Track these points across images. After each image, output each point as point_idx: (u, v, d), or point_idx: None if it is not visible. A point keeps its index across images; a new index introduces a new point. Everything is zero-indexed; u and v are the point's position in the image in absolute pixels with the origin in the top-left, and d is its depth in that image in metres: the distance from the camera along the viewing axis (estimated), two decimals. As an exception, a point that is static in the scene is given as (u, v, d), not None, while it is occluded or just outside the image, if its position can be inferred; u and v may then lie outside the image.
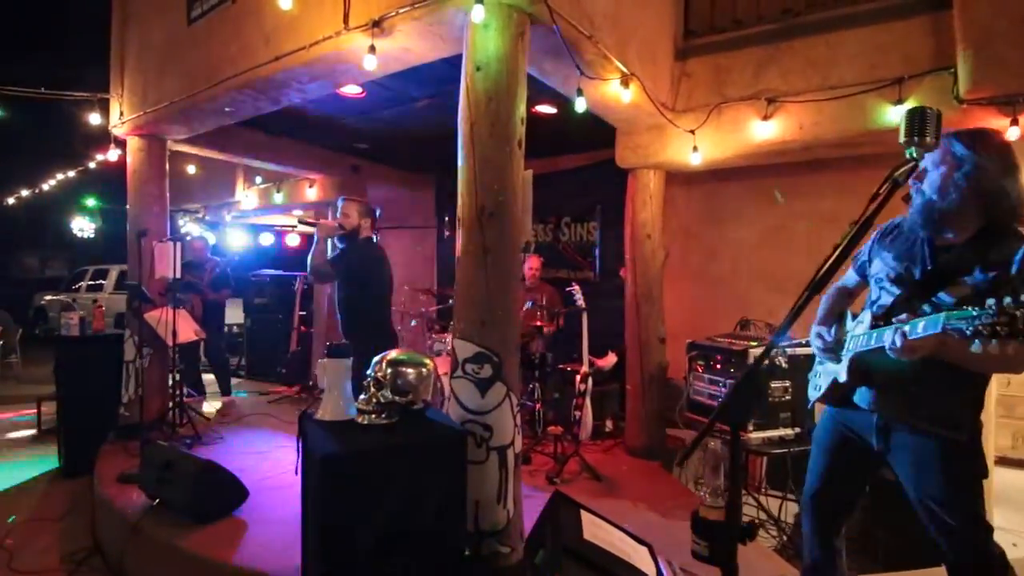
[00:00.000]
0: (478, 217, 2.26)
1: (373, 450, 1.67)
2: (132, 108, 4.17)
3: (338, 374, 1.88)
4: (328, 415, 1.86)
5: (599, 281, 5.48)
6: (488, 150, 2.26)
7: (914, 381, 1.58)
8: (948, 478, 1.56)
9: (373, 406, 1.82)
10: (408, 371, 1.84)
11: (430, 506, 1.75)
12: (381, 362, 1.88)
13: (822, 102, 3.27)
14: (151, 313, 4.30)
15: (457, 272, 2.35)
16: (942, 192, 1.55)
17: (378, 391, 1.82)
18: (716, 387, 3.47)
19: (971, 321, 1.20)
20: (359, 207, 3.34)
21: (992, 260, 1.46)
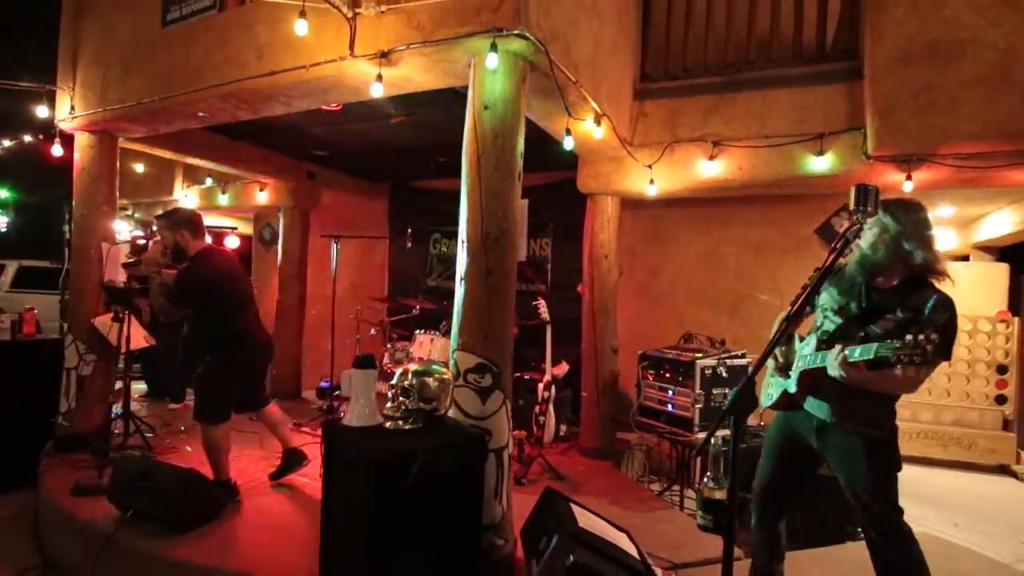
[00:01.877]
0: (483, 241, 2.50)
1: (416, 451, 1.85)
2: (86, 103, 3.99)
3: (365, 384, 2.04)
4: (356, 421, 2.02)
5: (551, 294, 5.82)
6: (493, 181, 2.51)
7: (849, 392, 1.99)
8: (871, 469, 2.00)
9: (401, 412, 2.00)
10: (432, 381, 2.04)
11: (454, 500, 1.96)
12: (406, 373, 2.06)
13: (758, 148, 3.81)
14: (100, 318, 4.10)
15: (460, 289, 2.56)
16: (874, 248, 1.98)
17: (405, 399, 2.01)
18: (665, 394, 3.89)
19: (896, 351, 1.61)
20: (166, 222, 3.06)
21: (910, 303, 1.90)
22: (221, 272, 3.08)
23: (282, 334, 5.94)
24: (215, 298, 3.02)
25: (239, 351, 3.14)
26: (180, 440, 4.37)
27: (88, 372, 4.17)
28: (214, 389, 3.09)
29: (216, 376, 3.09)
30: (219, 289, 3.04)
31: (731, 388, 3.79)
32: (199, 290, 3.01)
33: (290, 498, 3.39)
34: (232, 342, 3.10)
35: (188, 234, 3.09)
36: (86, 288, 4.17)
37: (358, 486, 1.81)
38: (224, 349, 3.09)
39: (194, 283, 3.01)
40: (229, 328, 3.09)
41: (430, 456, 1.84)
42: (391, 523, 1.80)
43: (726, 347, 3.99)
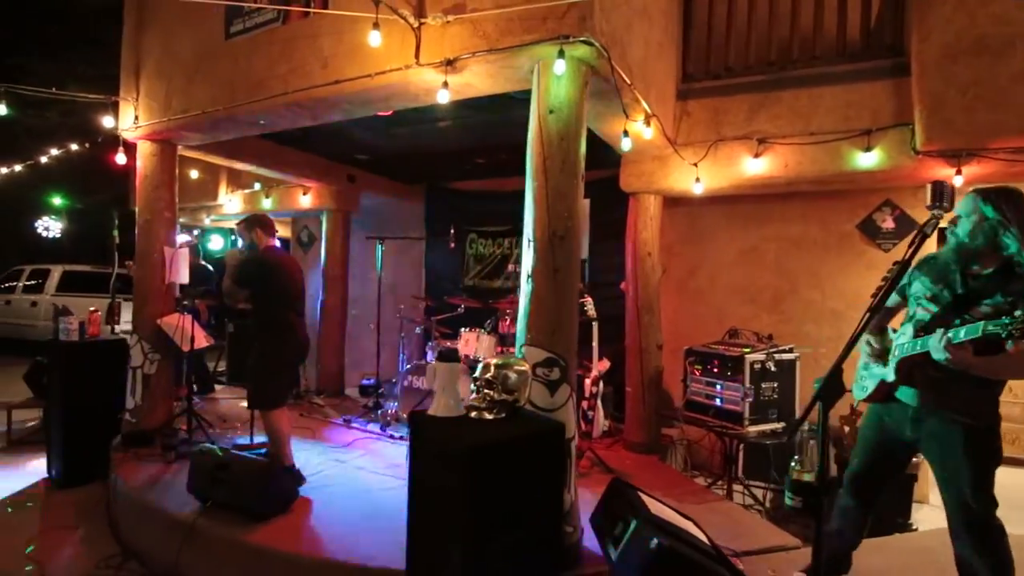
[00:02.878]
0: (550, 240, 2.60)
1: (515, 439, 1.96)
2: (150, 113, 4.18)
3: (451, 376, 2.15)
4: (443, 412, 2.13)
5: (589, 292, 5.89)
6: (560, 183, 2.61)
7: (948, 378, 1.99)
8: (969, 459, 1.98)
9: (486, 404, 2.11)
10: (513, 373, 2.14)
11: (539, 489, 2.06)
12: (488, 366, 2.17)
13: (804, 145, 3.85)
14: (166, 319, 4.29)
15: (527, 287, 2.67)
16: (971, 236, 2.02)
17: (490, 390, 2.11)
18: (713, 388, 3.96)
19: (1006, 327, 1.65)
20: (244, 224, 3.61)
21: (1011, 289, 1.90)
22: (279, 264, 3.53)
23: (327, 334, 6.12)
24: (270, 283, 3.41)
25: (288, 338, 3.46)
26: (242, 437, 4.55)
27: (153, 371, 4.36)
28: (267, 374, 3.41)
29: (267, 361, 3.40)
30: (274, 276, 3.43)
31: (779, 383, 3.85)
32: (257, 273, 3.43)
33: (354, 488, 3.52)
34: (282, 329, 3.43)
35: (260, 232, 3.62)
36: (150, 291, 4.36)
37: (452, 475, 1.92)
38: (275, 336, 3.43)
39: (254, 267, 3.47)
40: (280, 316, 3.43)
41: (520, 445, 1.94)
42: (483, 511, 1.91)
43: (773, 342, 4.04)
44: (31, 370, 5.62)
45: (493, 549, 1.98)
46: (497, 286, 6.38)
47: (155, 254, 4.35)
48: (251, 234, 3.60)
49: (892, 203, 4.75)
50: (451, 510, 1.95)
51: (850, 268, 4.91)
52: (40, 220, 12.27)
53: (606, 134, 3.70)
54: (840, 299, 4.93)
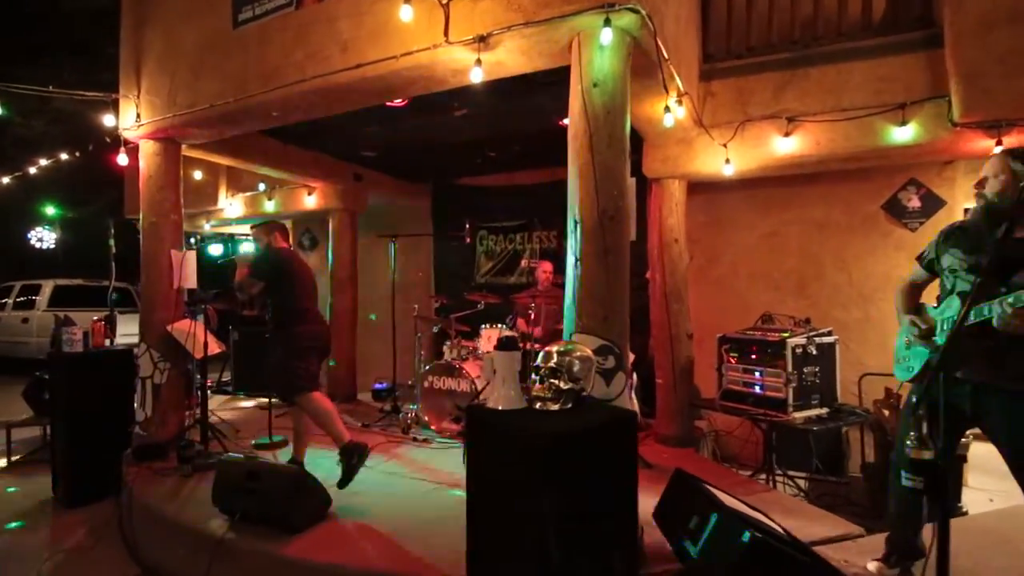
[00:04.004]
0: (599, 220, 2.46)
1: (587, 431, 1.80)
2: (152, 111, 3.99)
3: (509, 365, 1.99)
4: (503, 404, 1.97)
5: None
6: (608, 159, 2.47)
7: (1005, 348, 1.90)
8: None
9: (552, 393, 1.95)
10: (577, 360, 1.99)
11: (612, 483, 1.91)
12: (550, 353, 2.01)
13: (836, 122, 3.74)
14: (178, 325, 4.09)
15: (574, 271, 2.52)
16: (1000, 196, 1.93)
17: (555, 379, 1.96)
18: (752, 376, 3.83)
19: None
20: (262, 228, 3.68)
21: None
22: (292, 260, 3.63)
23: (337, 338, 5.90)
24: (285, 276, 3.48)
25: (306, 327, 3.49)
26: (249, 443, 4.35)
27: (163, 380, 4.15)
28: (291, 361, 3.39)
29: (288, 349, 3.41)
30: (289, 269, 3.51)
31: (820, 367, 3.73)
32: (273, 266, 3.48)
33: (388, 493, 3.35)
34: (299, 318, 3.48)
35: (279, 235, 3.67)
36: (157, 296, 4.16)
37: (526, 469, 1.76)
38: (292, 324, 3.46)
39: (271, 261, 3.52)
40: (297, 305, 3.49)
41: (595, 435, 1.79)
42: (560, 506, 1.75)
43: (811, 325, 3.93)
44: (30, 386, 5.37)
45: (570, 547, 1.82)
46: (511, 282, 6.23)
47: (162, 258, 4.15)
48: (269, 237, 3.63)
49: (917, 181, 4.67)
50: (524, 508, 1.79)
51: (876, 250, 4.82)
52: (33, 231, 11.88)
53: (635, 115, 3.56)
54: (868, 282, 4.84)
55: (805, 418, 3.59)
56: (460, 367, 4.59)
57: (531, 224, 6.23)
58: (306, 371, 3.42)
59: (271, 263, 3.53)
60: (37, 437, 5.44)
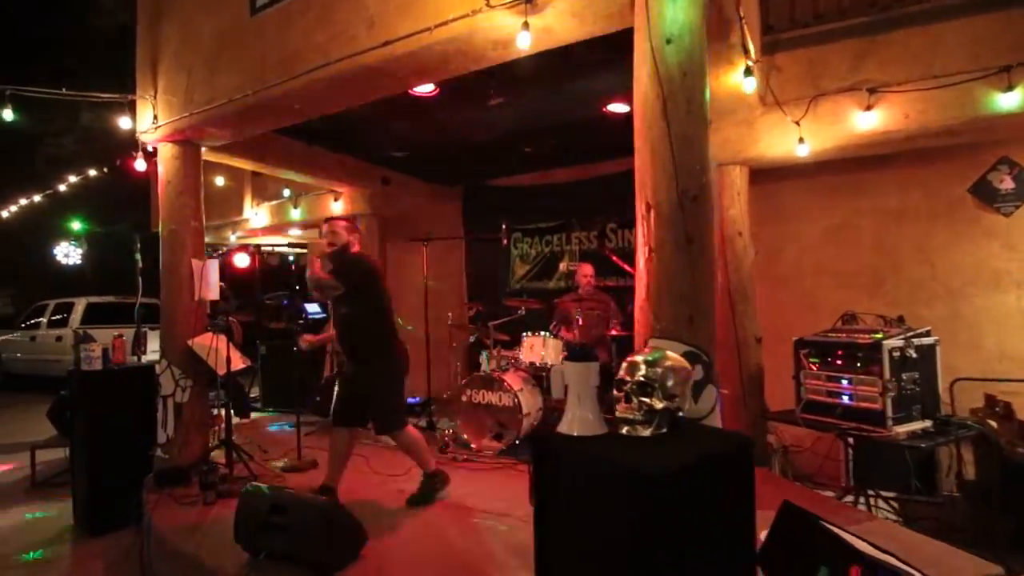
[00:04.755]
0: (680, 202, 2.05)
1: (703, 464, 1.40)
2: (169, 110, 3.74)
3: (586, 380, 1.60)
4: (579, 429, 1.57)
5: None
6: (687, 128, 2.07)
7: None
8: None
9: (643, 415, 1.55)
10: (672, 373, 1.59)
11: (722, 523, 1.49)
12: (638, 363, 1.61)
13: (928, 91, 3.26)
14: (198, 339, 3.81)
15: (647, 265, 2.12)
16: None
17: (646, 397, 1.55)
18: (838, 384, 3.34)
19: None
20: (347, 225, 3.28)
21: None
22: (378, 268, 3.29)
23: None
24: (372, 282, 3.15)
25: (398, 353, 3.26)
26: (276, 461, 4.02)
27: (185, 399, 3.87)
28: (393, 396, 3.22)
29: (392, 382, 3.21)
30: (376, 277, 3.19)
31: (920, 372, 3.22)
32: (364, 273, 3.12)
33: (430, 524, 2.97)
34: (392, 341, 3.23)
35: (357, 237, 3.32)
36: (178, 308, 3.90)
37: (619, 515, 1.36)
38: (386, 352, 3.19)
39: (357, 263, 3.15)
40: (387, 327, 3.21)
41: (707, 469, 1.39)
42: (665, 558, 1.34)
43: (907, 325, 3.43)
44: (54, 406, 5.17)
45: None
46: (550, 287, 5.83)
47: (183, 267, 3.89)
48: (351, 237, 3.23)
49: (1010, 160, 4.13)
50: (615, 560, 1.38)
51: (963, 238, 4.28)
52: (59, 247, 11.95)
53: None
54: (955, 275, 4.30)
55: (909, 433, 3.08)
56: (501, 379, 4.20)
57: (569, 225, 5.83)
58: (402, 404, 3.28)
59: (362, 269, 3.10)
60: (62, 459, 5.24)
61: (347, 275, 3.06)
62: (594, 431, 1.58)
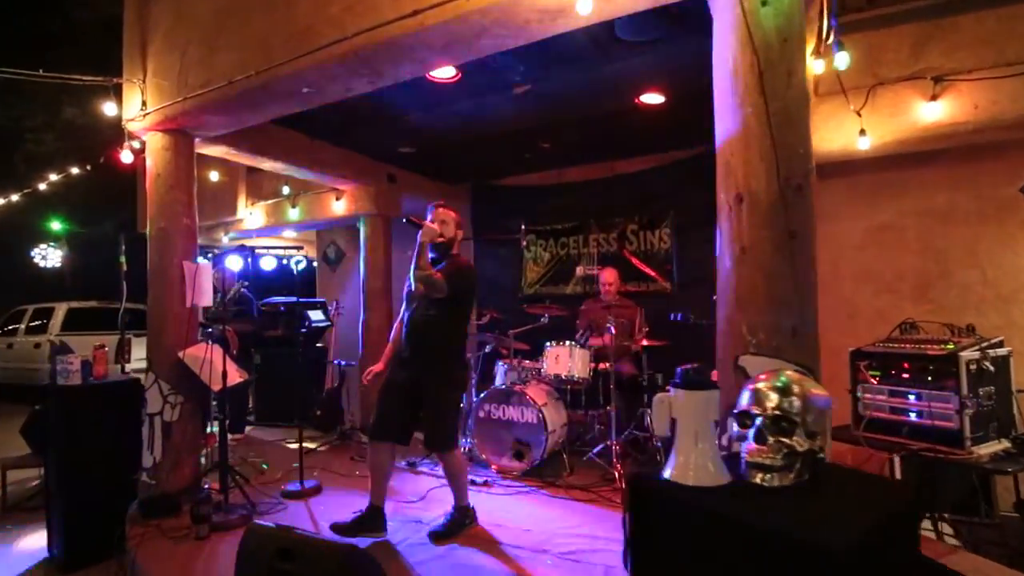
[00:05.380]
0: (781, 192, 1.72)
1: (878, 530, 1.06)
2: (160, 95, 3.36)
3: (704, 415, 1.25)
4: (697, 478, 1.23)
5: (678, 295, 5.02)
6: (788, 105, 1.75)
7: None
8: None
9: (782, 459, 1.21)
10: (812, 404, 1.25)
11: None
12: (765, 392, 1.27)
13: (1001, 79, 2.99)
14: (191, 351, 3.42)
15: (737, 267, 1.78)
16: None
17: (784, 436, 1.21)
18: (903, 399, 3.02)
19: None
20: (457, 217, 3.04)
21: None
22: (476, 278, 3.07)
23: (370, 358, 5.21)
24: (471, 296, 3.03)
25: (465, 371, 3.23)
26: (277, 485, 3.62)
27: (175, 417, 3.47)
28: (455, 413, 2.98)
29: (456, 394, 3.00)
30: (474, 290, 3.03)
31: (996, 386, 2.92)
32: (468, 283, 2.93)
33: (460, 564, 2.60)
34: (464, 355, 3.06)
35: (461, 234, 3.08)
36: (167, 316, 3.50)
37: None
38: (461, 361, 3.03)
39: (471, 277, 2.97)
40: (463, 341, 3.02)
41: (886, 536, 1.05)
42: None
43: (978, 335, 3.13)
44: (29, 421, 4.72)
45: None
46: (568, 292, 5.49)
47: (172, 270, 3.49)
48: (456, 230, 3.02)
49: (1067, 158, 3.87)
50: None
51: (1016, 241, 4.01)
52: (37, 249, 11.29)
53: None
54: (1007, 280, 4.02)
55: (991, 454, 2.77)
56: (524, 393, 3.85)
57: (586, 226, 5.50)
58: (458, 425, 3.04)
59: (469, 283, 2.93)
60: (38, 478, 4.79)
61: (457, 283, 2.84)
62: (716, 480, 1.24)
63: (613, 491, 3.48)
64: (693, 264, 4.99)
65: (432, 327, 2.86)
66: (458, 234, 3.03)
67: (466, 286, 2.91)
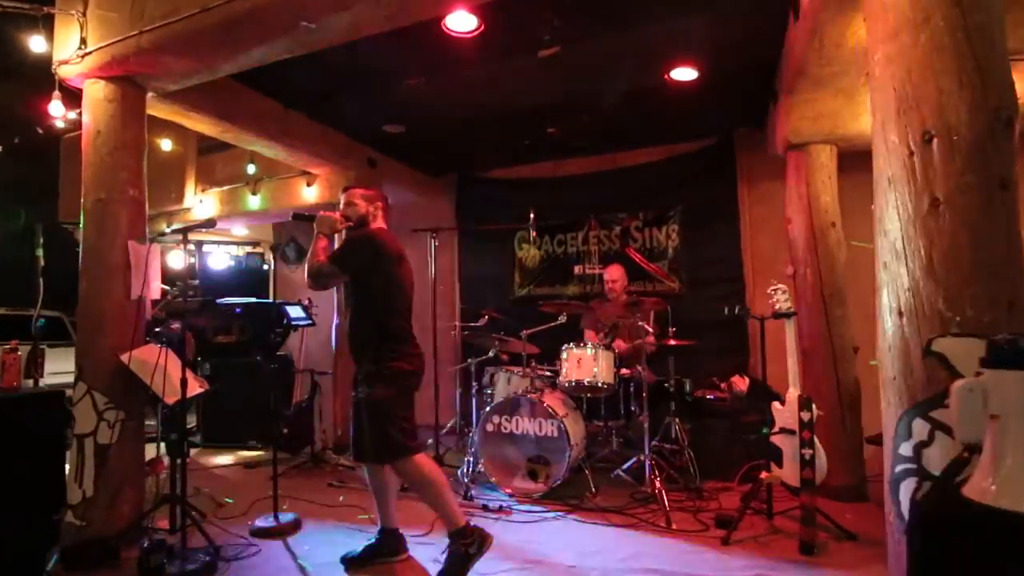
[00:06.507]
0: (989, 130, 1.35)
1: None
2: (107, 31, 2.68)
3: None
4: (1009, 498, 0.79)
5: (687, 295, 4.69)
6: (987, 22, 1.40)
7: None
8: None
9: None
10: None
11: None
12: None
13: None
14: (139, 353, 2.70)
15: (926, 225, 1.39)
16: None
17: None
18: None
19: None
20: (365, 193, 2.63)
21: None
22: (396, 251, 2.50)
23: (345, 368, 4.55)
24: (383, 271, 2.43)
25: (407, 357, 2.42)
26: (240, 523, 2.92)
27: (114, 438, 2.72)
28: (383, 416, 2.33)
29: (383, 397, 2.35)
30: (389, 263, 2.45)
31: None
32: (369, 255, 2.43)
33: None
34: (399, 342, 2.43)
35: (381, 212, 2.62)
36: (106, 310, 2.77)
37: None
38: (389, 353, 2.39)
39: (367, 245, 2.47)
40: (396, 323, 2.45)
41: None
42: None
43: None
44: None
45: None
46: (570, 293, 5.04)
47: (114, 253, 2.78)
48: (371, 206, 2.57)
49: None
50: None
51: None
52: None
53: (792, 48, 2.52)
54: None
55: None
56: (542, 402, 3.35)
57: (585, 223, 5.10)
58: (406, 427, 2.37)
59: (367, 249, 2.44)
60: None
61: (346, 258, 2.44)
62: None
63: (651, 512, 3.03)
64: (701, 263, 4.68)
65: (353, 319, 2.50)
66: (374, 208, 2.58)
67: (357, 257, 2.44)
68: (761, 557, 2.51)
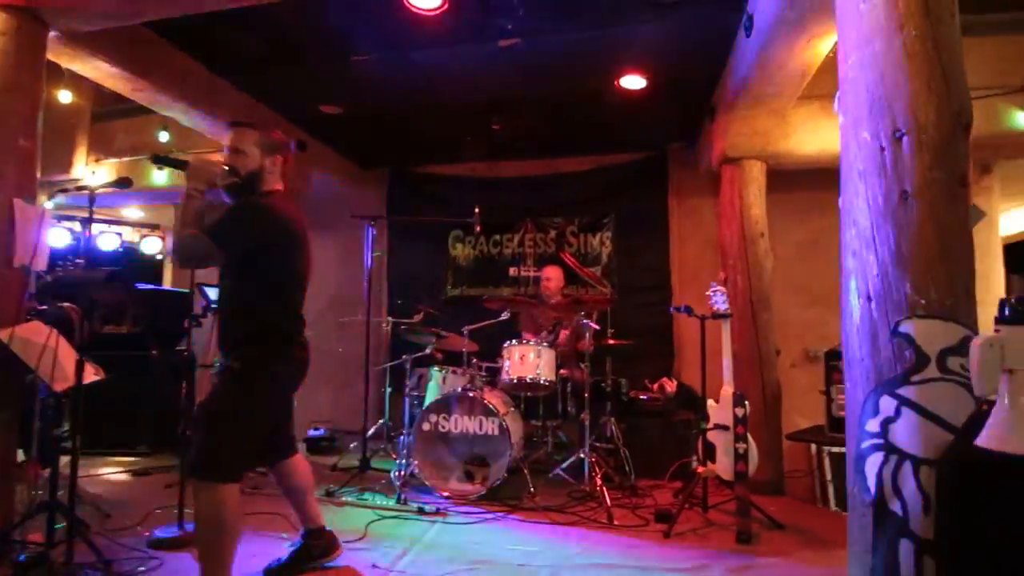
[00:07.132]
0: (952, 127, 1.48)
1: None
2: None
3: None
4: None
5: (618, 301, 4.80)
6: (950, 35, 1.55)
7: None
8: None
9: None
10: None
11: None
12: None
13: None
14: (22, 331, 2.26)
15: (897, 216, 1.50)
16: None
17: None
18: (882, 400, 3.05)
19: None
20: (260, 139, 2.02)
21: None
22: (297, 230, 2.00)
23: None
24: (276, 256, 1.94)
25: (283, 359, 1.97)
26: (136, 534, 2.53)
27: (-20, 432, 2.26)
28: (228, 424, 1.86)
29: (233, 402, 1.88)
30: (287, 245, 1.97)
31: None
32: (261, 230, 1.91)
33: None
34: (279, 340, 1.96)
35: (279, 165, 2.05)
36: (-21, 278, 2.31)
37: None
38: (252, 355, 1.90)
39: (257, 218, 1.93)
40: (286, 324, 2.00)
41: None
42: None
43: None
44: None
45: None
46: (505, 295, 4.98)
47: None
48: (264, 159, 1.98)
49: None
50: None
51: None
52: None
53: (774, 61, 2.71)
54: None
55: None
56: (483, 399, 3.25)
57: (521, 225, 5.10)
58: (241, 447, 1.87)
59: (262, 225, 1.91)
60: None
61: (229, 233, 1.86)
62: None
63: (591, 509, 3.02)
64: (633, 271, 4.84)
65: (225, 305, 1.99)
66: (271, 163, 2.00)
67: (241, 234, 1.89)
68: (703, 548, 2.57)
